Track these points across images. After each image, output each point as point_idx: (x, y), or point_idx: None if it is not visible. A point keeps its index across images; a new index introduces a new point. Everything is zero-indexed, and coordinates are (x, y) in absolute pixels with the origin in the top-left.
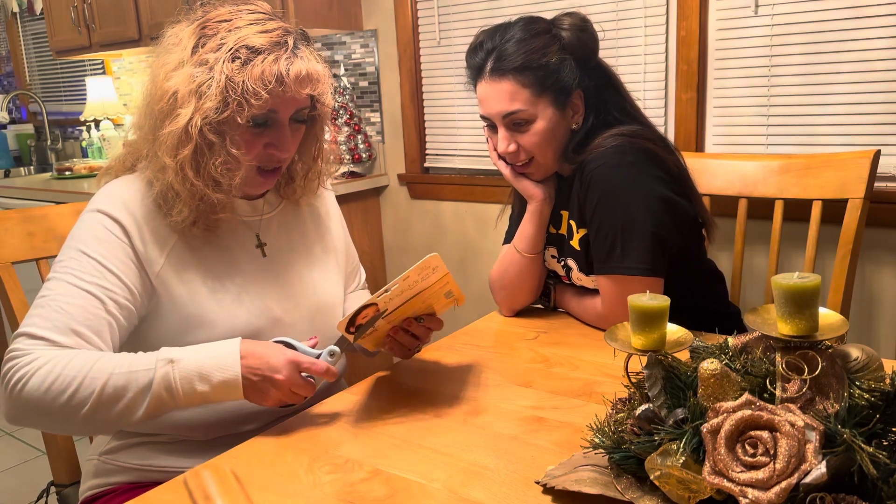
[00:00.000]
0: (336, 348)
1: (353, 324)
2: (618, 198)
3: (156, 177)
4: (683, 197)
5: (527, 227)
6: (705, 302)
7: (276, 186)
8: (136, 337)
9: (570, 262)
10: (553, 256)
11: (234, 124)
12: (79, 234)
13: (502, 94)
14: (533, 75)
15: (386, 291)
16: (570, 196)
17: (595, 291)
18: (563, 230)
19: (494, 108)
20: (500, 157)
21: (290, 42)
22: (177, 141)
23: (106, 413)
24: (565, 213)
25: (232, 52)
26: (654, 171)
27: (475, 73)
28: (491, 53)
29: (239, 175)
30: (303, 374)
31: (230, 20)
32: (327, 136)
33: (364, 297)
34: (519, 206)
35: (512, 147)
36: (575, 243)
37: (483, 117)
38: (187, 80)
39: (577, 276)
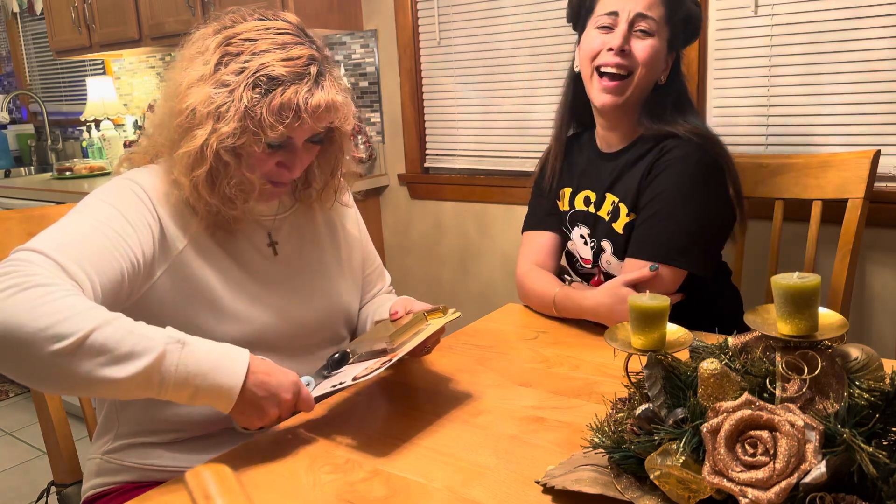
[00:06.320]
0: (310, 378)
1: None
2: (696, 192)
3: (171, 190)
4: (740, 208)
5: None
6: (719, 304)
7: (291, 188)
8: (141, 301)
9: (605, 244)
10: (582, 237)
11: (250, 149)
12: (102, 192)
13: None
14: (670, 4)
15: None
16: (619, 179)
17: (590, 288)
18: (603, 213)
19: (632, 3)
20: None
21: (313, 72)
22: (192, 161)
23: (80, 361)
24: (610, 196)
25: (253, 77)
26: (727, 180)
27: None
28: None
29: (253, 195)
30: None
31: (255, 41)
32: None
33: (391, 299)
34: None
35: (627, 46)
36: (619, 227)
37: (605, 16)
38: (206, 101)
39: (608, 260)
